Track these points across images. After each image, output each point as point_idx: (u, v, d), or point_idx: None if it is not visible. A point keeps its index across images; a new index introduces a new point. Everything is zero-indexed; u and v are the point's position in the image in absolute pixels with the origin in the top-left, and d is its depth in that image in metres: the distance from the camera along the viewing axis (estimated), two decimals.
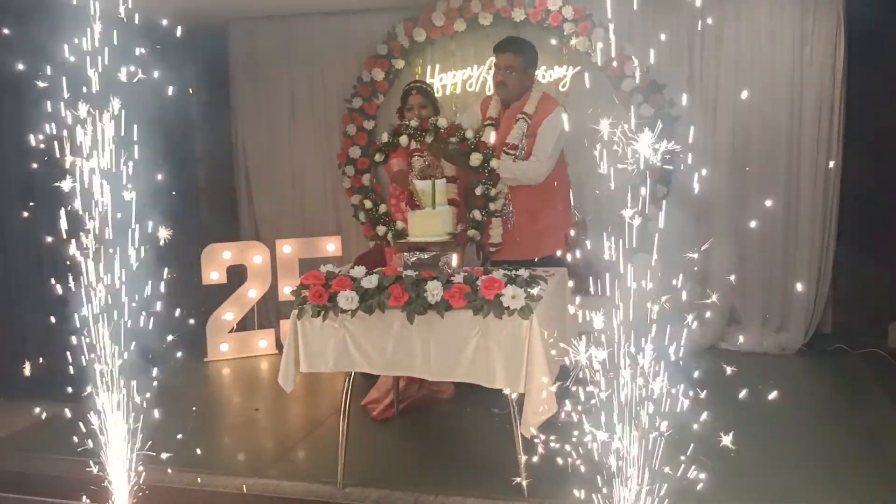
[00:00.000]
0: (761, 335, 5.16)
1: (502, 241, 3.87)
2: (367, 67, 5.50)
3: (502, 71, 3.84)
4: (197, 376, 5.20)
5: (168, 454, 3.17)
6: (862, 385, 4.47)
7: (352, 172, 5.63)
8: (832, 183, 4.98)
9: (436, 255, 3.27)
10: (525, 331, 2.91)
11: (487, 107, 4.08)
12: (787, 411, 3.99)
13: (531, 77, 3.90)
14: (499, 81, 3.88)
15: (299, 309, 3.18)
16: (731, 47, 5.05)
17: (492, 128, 3.94)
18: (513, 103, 3.88)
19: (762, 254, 5.15)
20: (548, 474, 2.83)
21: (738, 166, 5.09)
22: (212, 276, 5.41)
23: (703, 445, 2.41)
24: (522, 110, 3.81)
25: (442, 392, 4.37)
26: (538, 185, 3.78)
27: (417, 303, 2.99)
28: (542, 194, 3.76)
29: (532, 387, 2.91)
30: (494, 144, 3.89)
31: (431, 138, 3.36)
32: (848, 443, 3.65)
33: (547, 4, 5.02)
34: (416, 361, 3.09)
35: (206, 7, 5.19)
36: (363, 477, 3.40)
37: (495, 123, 3.94)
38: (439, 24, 5.29)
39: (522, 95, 3.85)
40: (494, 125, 3.94)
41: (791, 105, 4.99)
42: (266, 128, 5.97)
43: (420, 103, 3.96)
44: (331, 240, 5.71)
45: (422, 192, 3.36)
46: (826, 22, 4.85)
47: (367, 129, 5.59)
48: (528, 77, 3.88)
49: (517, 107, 3.84)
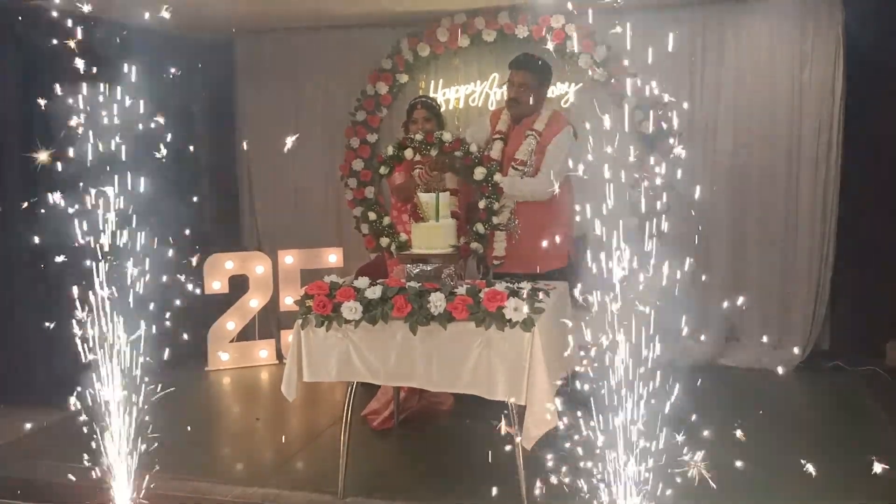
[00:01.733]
0: (760, 352, 5.18)
1: (506, 255, 3.90)
2: (371, 81, 5.56)
3: (516, 88, 3.88)
4: (197, 385, 5.21)
5: (170, 463, 3.19)
6: (860, 403, 4.49)
7: (354, 185, 5.67)
8: (830, 201, 5.03)
9: (438, 267, 3.30)
10: (527, 343, 2.94)
11: (497, 120, 4.11)
12: (786, 428, 4.03)
13: (544, 94, 3.94)
14: (512, 97, 3.92)
15: (303, 318, 3.21)
16: (731, 68, 5.12)
17: (500, 141, 3.98)
18: (523, 119, 3.92)
19: (761, 271, 5.18)
20: (547, 485, 2.86)
21: (738, 184, 5.14)
22: (214, 285, 5.43)
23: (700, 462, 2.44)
24: (532, 127, 3.85)
25: (441, 403, 4.39)
26: (544, 201, 3.82)
27: (420, 314, 3.03)
28: (548, 210, 3.79)
29: (533, 399, 2.93)
30: (502, 159, 3.94)
31: (436, 152, 3.41)
32: (847, 460, 3.66)
33: (550, 22, 5.08)
34: (419, 372, 3.12)
35: (213, 19, 5.25)
36: (363, 487, 3.42)
37: (504, 137, 3.98)
38: (443, 39, 5.35)
39: (534, 112, 3.89)
40: (503, 139, 3.98)
41: (790, 124, 5.05)
42: (269, 139, 6.01)
43: (425, 117, 4.01)
44: (332, 251, 5.74)
45: (426, 205, 3.40)
46: (825, 43, 4.92)
47: (370, 141, 5.64)
48: (541, 94, 3.91)
49: (527, 123, 3.88)
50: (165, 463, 3.32)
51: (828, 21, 4.90)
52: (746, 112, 5.12)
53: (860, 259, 5.10)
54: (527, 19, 5.13)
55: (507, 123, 4.01)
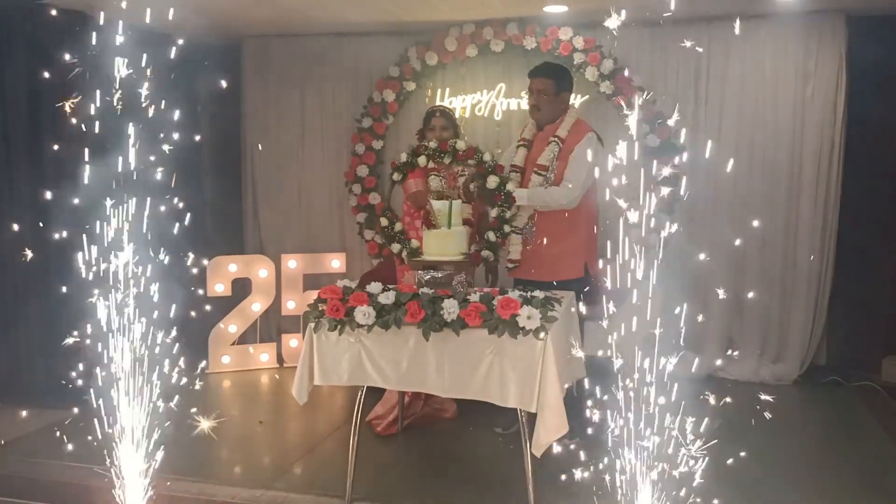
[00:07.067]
0: (758, 365, 5.23)
1: (521, 259, 3.92)
2: (378, 88, 5.60)
3: (535, 95, 3.92)
4: (199, 388, 5.18)
5: (174, 464, 3.18)
6: (857, 417, 4.55)
7: (359, 191, 5.71)
8: (830, 218, 5.10)
9: (449, 274, 3.33)
10: (539, 351, 2.96)
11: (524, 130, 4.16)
12: (783, 441, 4.07)
13: (565, 101, 3.97)
14: (532, 105, 3.96)
15: (316, 322, 3.23)
16: (734, 84, 5.17)
17: (524, 148, 4.02)
18: (546, 126, 3.97)
19: (760, 286, 5.23)
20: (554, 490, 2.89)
21: (739, 199, 5.20)
22: (216, 287, 5.43)
23: (701, 475, 2.47)
24: (555, 134, 3.88)
25: (445, 410, 4.41)
26: (565, 210, 3.84)
27: (434, 320, 3.05)
28: (567, 218, 3.81)
29: (544, 407, 2.96)
30: (525, 165, 3.98)
31: (450, 160, 3.44)
32: (844, 474, 3.71)
33: (558, 34, 5.14)
34: (430, 378, 3.14)
35: (221, 22, 5.27)
36: (369, 491, 3.43)
37: (528, 144, 4.03)
38: (451, 48, 5.39)
39: (556, 119, 3.93)
40: (527, 146, 4.02)
41: (792, 141, 5.10)
42: (275, 143, 6.04)
43: (442, 125, 4.06)
44: (336, 256, 5.76)
45: (438, 212, 3.43)
46: (828, 61, 4.98)
47: (375, 148, 5.68)
48: (562, 101, 3.94)
49: (550, 129, 3.92)
50: (170, 464, 3.31)
51: (831, 39, 4.96)
52: (749, 128, 5.17)
53: (858, 276, 5.17)
54: (535, 31, 5.18)
55: (532, 131, 4.05)
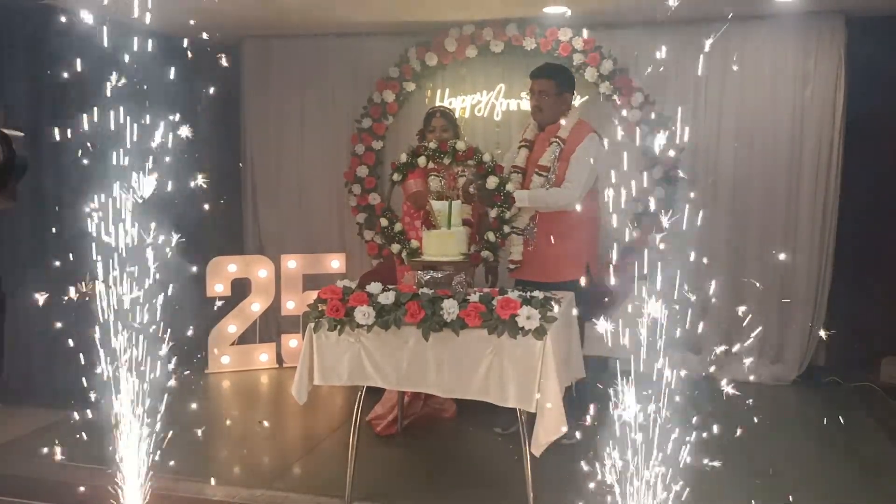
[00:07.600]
0: (757, 366, 5.24)
1: (523, 260, 3.93)
2: (378, 89, 5.61)
3: (537, 95, 3.93)
4: (198, 387, 5.20)
5: (175, 464, 3.19)
6: (855, 418, 4.54)
7: (358, 191, 5.71)
8: (829, 219, 5.10)
9: (449, 274, 3.33)
10: (539, 351, 2.97)
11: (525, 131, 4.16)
12: (783, 441, 4.08)
13: (567, 102, 3.97)
14: (534, 105, 3.97)
15: (315, 322, 3.24)
16: (734, 84, 5.18)
17: (526, 149, 4.03)
18: (548, 126, 3.97)
19: (760, 286, 5.23)
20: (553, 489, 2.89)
21: (738, 200, 5.21)
22: (216, 288, 5.43)
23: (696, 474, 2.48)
24: (556, 134, 3.89)
25: (445, 410, 4.42)
26: (567, 211, 3.84)
27: (433, 320, 3.06)
28: (569, 220, 3.80)
29: (544, 407, 2.96)
30: (527, 166, 3.99)
31: (450, 160, 3.45)
32: (843, 474, 3.72)
33: (557, 35, 5.15)
34: (430, 378, 3.15)
35: (221, 23, 5.27)
36: (368, 491, 3.43)
37: (529, 145, 4.03)
38: (451, 49, 5.40)
39: (558, 120, 3.93)
40: (529, 147, 4.03)
41: (791, 142, 5.12)
42: (275, 143, 6.04)
43: (442, 126, 4.06)
44: (335, 256, 5.76)
45: (438, 213, 3.43)
46: (827, 62, 4.99)
47: (375, 148, 5.68)
48: (563, 102, 3.94)
49: (551, 130, 3.92)
50: (170, 464, 3.31)
51: (830, 39, 4.97)
52: (748, 129, 5.18)
53: (857, 277, 5.18)
54: (534, 31, 5.19)
55: (534, 132, 4.05)
